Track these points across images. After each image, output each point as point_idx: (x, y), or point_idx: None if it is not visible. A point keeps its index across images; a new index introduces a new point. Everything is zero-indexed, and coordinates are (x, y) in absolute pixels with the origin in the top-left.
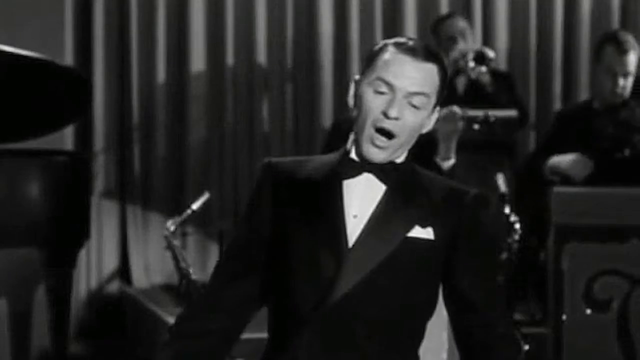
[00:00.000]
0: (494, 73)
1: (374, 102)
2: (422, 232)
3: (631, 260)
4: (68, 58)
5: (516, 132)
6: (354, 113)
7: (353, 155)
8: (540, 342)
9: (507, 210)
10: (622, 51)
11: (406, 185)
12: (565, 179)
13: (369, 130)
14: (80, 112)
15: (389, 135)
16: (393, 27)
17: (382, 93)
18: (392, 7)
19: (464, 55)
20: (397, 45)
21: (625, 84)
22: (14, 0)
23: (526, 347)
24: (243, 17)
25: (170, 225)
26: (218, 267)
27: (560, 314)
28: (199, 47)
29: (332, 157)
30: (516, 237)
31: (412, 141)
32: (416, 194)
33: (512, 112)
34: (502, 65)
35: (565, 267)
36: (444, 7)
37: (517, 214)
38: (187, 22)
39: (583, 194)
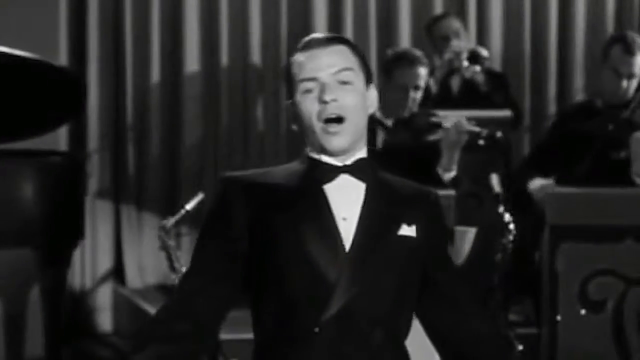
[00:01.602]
0: (488, 73)
1: (308, 100)
2: (408, 230)
3: (626, 261)
4: (62, 58)
5: (510, 132)
6: (298, 129)
7: (325, 158)
8: (534, 342)
9: (501, 210)
10: (629, 52)
11: (381, 183)
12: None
13: (318, 125)
14: (74, 113)
15: (338, 120)
16: (387, 27)
17: (310, 90)
18: (386, 8)
19: (458, 55)
20: (299, 48)
21: (630, 85)
22: (9, 0)
23: (520, 348)
24: (237, 18)
25: (165, 225)
26: (186, 279)
27: (555, 315)
28: (193, 47)
29: (295, 165)
30: (510, 237)
31: (364, 126)
32: (392, 192)
33: (506, 112)
34: (497, 67)
35: (560, 268)
36: (438, 8)
37: (511, 214)
38: (181, 22)
39: (578, 195)
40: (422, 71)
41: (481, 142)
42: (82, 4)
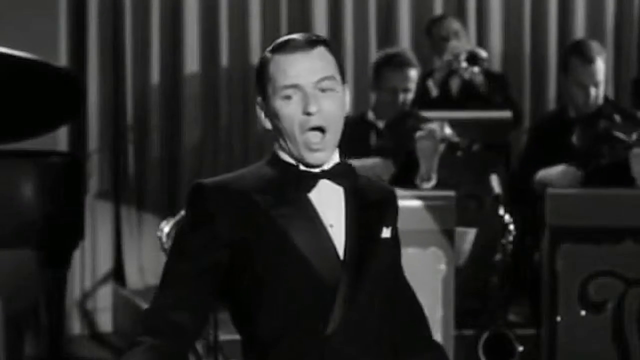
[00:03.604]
0: (487, 73)
1: (289, 109)
2: (387, 232)
3: (626, 262)
4: (62, 59)
5: (510, 132)
6: (273, 130)
7: (304, 167)
8: (534, 343)
9: (501, 211)
10: (588, 61)
11: (356, 184)
12: None
13: (300, 137)
14: (74, 113)
15: (320, 130)
16: (387, 28)
17: (291, 97)
18: (386, 9)
19: (456, 56)
20: (278, 48)
21: (597, 93)
22: (8, 1)
23: (520, 349)
24: (237, 19)
25: (165, 226)
26: (162, 291)
27: (555, 315)
28: (193, 48)
29: (267, 168)
30: (510, 238)
31: (340, 131)
32: (367, 195)
33: (506, 113)
34: (497, 67)
35: (560, 269)
36: (438, 8)
37: (511, 215)
38: (181, 23)
39: (577, 196)
40: (412, 73)
41: (459, 153)
42: (82, 5)
